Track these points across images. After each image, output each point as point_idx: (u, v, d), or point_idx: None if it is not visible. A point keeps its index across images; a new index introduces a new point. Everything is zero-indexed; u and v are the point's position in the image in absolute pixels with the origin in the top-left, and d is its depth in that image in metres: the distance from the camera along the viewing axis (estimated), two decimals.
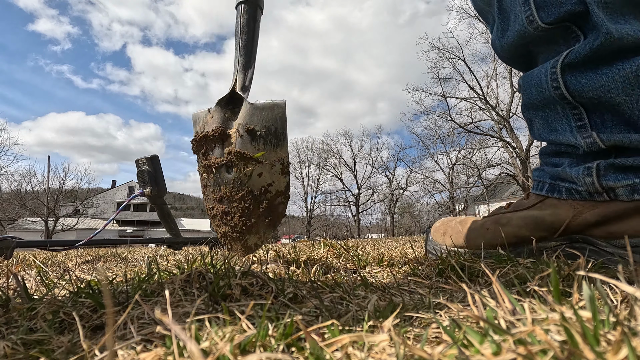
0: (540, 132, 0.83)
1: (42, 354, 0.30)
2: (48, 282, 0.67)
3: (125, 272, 0.67)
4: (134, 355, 0.29)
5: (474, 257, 0.77)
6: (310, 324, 0.38)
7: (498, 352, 0.23)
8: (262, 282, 0.53)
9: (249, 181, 0.91)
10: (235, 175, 0.93)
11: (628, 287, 0.25)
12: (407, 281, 0.65)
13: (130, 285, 0.50)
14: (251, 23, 1.05)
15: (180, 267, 0.63)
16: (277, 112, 0.92)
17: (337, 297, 0.50)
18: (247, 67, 1.03)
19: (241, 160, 0.92)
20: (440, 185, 32.00)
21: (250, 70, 1.03)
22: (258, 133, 0.92)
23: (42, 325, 0.38)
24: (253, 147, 0.92)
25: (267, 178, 0.91)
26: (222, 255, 1.08)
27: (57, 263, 1.48)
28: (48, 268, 1.21)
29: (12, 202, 25.08)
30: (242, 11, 1.05)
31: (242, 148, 0.92)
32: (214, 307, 0.45)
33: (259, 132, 0.92)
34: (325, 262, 0.95)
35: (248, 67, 1.03)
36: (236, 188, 0.92)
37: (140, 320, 0.38)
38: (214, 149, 0.97)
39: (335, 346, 0.27)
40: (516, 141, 22.81)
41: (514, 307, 0.30)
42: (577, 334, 0.23)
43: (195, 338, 0.28)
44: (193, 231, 31.04)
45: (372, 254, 1.13)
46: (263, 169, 0.91)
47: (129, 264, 1.31)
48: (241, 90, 0.99)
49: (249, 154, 0.91)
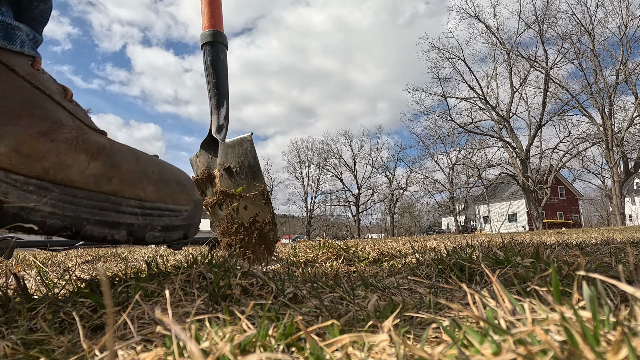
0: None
1: (42, 354, 0.30)
2: (48, 282, 0.67)
3: (125, 272, 0.67)
4: (134, 355, 0.29)
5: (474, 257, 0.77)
6: (310, 324, 0.38)
7: (498, 352, 0.23)
8: (262, 282, 0.53)
9: (238, 215, 1.00)
10: (226, 212, 1.01)
11: (628, 287, 0.25)
12: (407, 281, 0.65)
13: (130, 285, 0.50)
14: (216, 63, 1.10)
15: (181, 267, 0.63)
16: (245, 147, 1.00)
17: (337, 297, 0.50)
18: (219, 106, 1.09)
19: (226, 197, 1.01)
20: (440, 185, 32.02)
21: (223, 109, 1.09)
22: (234, 170, 1.00)
23: (42, 325, 0.38)
24: (233, 183, 1.01)
25: (252, 210, 1.00)
26: (222, 255, 1.08)
27: (57, 263, 1.48)
28: (48, 268, 1.21)
29: None
30: (206, 53, 1.10)
31: (225, 186, 1.01)
32: (214, 307, 0.45)
33: (234, 168, 1.00)
34: (325, 262, 0.95)
35: (220, 105, 1.09)
36: (230, 222, 1.01)
37: (140, 320, 0.38)
38: (207, 190, 1.06)
39: (335, 346, 0.27)
40: (516, 141, 22.81)
41: (514, 307, 0.30)
42: (577, 334, 0.23)
43: (196, 338, 0.28)
44: None
45: (372, 254, 1.13)
46: (247, 201, 1.00)
47: (129, 264, 1.31)
48: (217, 130, 1.06)
49: (230, 191, 1.00)
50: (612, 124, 19.24)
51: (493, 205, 33.60)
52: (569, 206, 33.13)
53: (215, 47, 1.10)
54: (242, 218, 1.00)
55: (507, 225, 32.52)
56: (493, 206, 33.63)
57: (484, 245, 1.10)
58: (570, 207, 33.11)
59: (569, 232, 5.24)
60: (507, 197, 32.62)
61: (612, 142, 18.90)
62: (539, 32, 21.32)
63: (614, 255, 0.78)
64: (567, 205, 32.98)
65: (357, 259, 1.03)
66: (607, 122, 19.19)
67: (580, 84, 20.97)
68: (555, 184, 28.77)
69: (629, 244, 1.14)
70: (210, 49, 1.10)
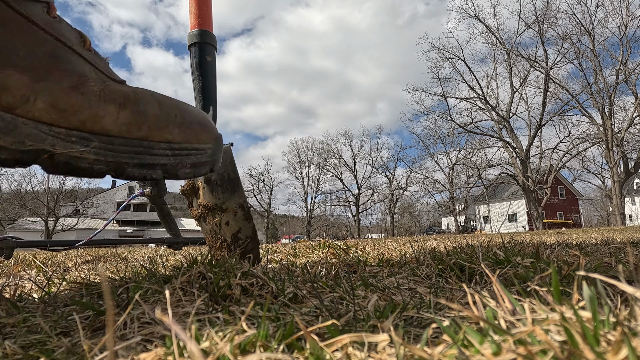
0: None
1: (42, 354, 0.30)
2: (45, 285, 0.67)
3: (125, 272, 0.67)
4: (134, 355, 0.29)
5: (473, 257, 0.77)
6: (310, 324, 0.38)
7: (498, 352, 0.23)
8: (262, 282, 0.53)
9: (221, 230, 0.95)
10: (209, 226, 0.97)
11: (628, 287, 0.25)
12: (407, 281, 0.65)
13: (130, 286, 0.50)
14: (203, 64, 1.05)
15: (181, 267, 0.63)
16: (225, 158, 0.95)
17: (337, 297, 0.50)
18: (205, 111, 1.05)
19: (208, 211, 0.96)
20: (440, 186, 32.00)
21: (209, 115, 1.05)
22: (215, 182, 0.96)
23: (42, 326, 0.38)
24: (214, 196, 0.96)
25: (234, 226, 0.95)
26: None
27: (57, 263, 1.48)
28: (48, 268, 1.21)
29: (12, 202, 25.08)
30: (192, 54, 1.06)
31: (206, 199, 0.96)
32: (214, 307, 0.45)
33: (215, 181, 0.96)
34: (325, 262, 0.95)
35: (206, 111, 1.05)
36: (214, 237, 0.96)
37: (140, 320, 0.38)
38: (193, 202, 1.01)
39: (335, 346, 0.27)
40: (516, 141, 22.80)
41: (514, 307, 0.30)
42: (577, 334, 0.23)
43: (196, 338, 0.28)
44: (193, 231, 31.04)
45: (372, 253, 1.13)
46: (228, 217, 0.95)
47: (129, 264, 1.31)
48: None
49: (212, 205, 0.95)
50: (612, 124, 19.24)
51: (493, 205, 33.59)
52: (569, 206, 33.13)
53: (202, 48, 1.05)
54: (224, 234, 0.95)
55: (507, 225, 32.52)
56: (493, 206, 33.62)
57: (484, 245, 1.10)
58: (570, 207, 33.12)
59: (569, 232, 5.24)
60: (507, 197, 32.61)
61: (612, 142, 18.90)
62: (539, 32, 21.32)
63: (614, 255, 0.78)
64: (567, 206, 32.98)
65: (357, 259, 1.03)
66: (607, 122, 19.19)
67: (580, 84, 21.00)
68: (555, 184, 28.77)
69: (629, 244, 1.14)
70: (196, 50, 1.05)
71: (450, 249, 1.02)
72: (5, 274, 1.02)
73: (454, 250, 0.95)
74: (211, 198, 0.96)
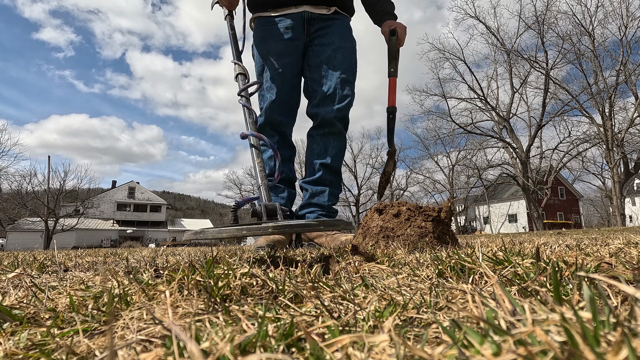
0: None
1: (42, 354, 0.30)
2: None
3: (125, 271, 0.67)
4: (134, 355, 0.29)
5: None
6: (310, 324, 0.38)
7: (498, 352, 0.23)
8: (262, 282, 0.53)
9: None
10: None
11: (628, 288, 0.25)
12: (407, 281, 0.65)
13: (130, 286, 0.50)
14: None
15: (181, 267, 0.63)
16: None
17: (337, 297, 0.50)
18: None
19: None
20: (440, 186, 31.98)
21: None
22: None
23: (43, 327, 0.38)
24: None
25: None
26: (221, 255, 1.08)
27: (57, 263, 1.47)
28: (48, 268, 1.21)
29: (12, 202, 25.08)
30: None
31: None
32: (214, 307, 0.45)
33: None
34: (325, 263, 0.95)
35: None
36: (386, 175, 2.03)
37: (140, 320, 0.38)
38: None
39: (335, 346, 0.27)
40: (516, 142, 22.80)
41: (514, 308, 0.30)
42: (577, 334, 0.23)
43: (196, 338, 0.28)
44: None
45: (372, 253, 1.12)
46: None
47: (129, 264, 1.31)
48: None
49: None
50: (612, 124, 19.24)
51: (493, 205, 33.58)
52: (569, 207, 33.12)
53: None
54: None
55: (507, 225, 32.50)
56: (493, 207, 33.61)
57: (484, 245, 1.10)
58: (570, 208, 33.11)
59: (569, 233, 5.23)
60: (507, 197, 32.60)
61: (612, 142, 18.89)
62: (539, 32, 21.32)
63: (614, 255, 0.78)
64: (567, 206, 32.97)
65: (357, 259, 1.03)
66: (607, 123, 19.19)
67: (581, 84, 20.99)
68: (555, 185, 28.75)
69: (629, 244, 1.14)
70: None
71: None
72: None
73: (454, 250, 0.95)
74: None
